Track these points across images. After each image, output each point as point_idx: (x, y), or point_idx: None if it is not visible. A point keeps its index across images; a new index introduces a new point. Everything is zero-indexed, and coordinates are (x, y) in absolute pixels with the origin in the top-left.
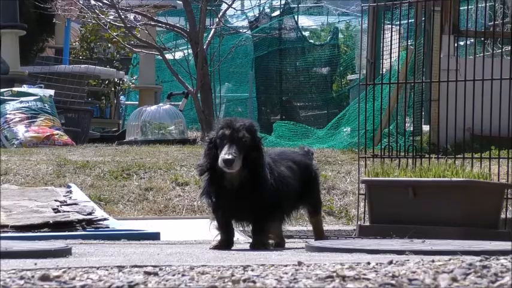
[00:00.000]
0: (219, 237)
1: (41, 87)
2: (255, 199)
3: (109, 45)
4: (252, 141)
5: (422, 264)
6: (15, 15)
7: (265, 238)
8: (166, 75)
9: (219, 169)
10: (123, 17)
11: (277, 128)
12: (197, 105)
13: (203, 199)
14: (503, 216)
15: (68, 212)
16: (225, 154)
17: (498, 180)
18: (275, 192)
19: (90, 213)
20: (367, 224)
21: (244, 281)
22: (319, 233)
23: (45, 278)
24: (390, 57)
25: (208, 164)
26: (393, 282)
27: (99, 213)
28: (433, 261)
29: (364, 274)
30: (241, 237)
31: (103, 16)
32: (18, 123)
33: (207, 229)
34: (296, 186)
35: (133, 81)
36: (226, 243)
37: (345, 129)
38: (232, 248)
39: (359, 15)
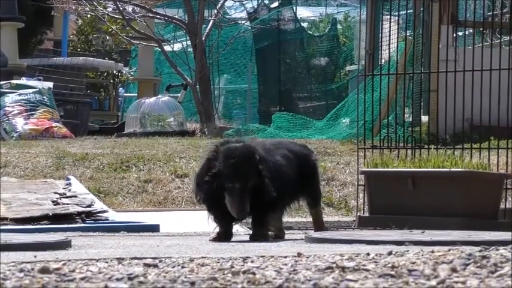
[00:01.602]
0: (218, 229)
1: (39, 80)
2: (255, 202)
3: (107, 37)
4: (256, 176)
5: (422, 255)
6: (14, 8)
7: (265, 229)
8: (165, 67)
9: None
10: (121, 9)
11: (276, 119)
12: (196, 97)
13: (198, 199)
14: (502, 206)
15: (68, 204)
16: (237, 211)
17: (497, 171)
18: (273, 185)
19: (89, 206)
20: (367, 215)
21: (244, 272)
22: (318, 224)
23: (45, 270)
24: (389, 48)
25: (211, 196)
26: (393, 273)
27: (98, 205)
28: (432, 251)
29: (364, 265)
30: (241, 228)
31: (101, 8)
32: (17, 115)
33: (206, 221)
34: (294, 176)
35: (132, 73)
36: (225, 235)
37: (344, 120)
38: (232, 239)
39: (357, 6)
